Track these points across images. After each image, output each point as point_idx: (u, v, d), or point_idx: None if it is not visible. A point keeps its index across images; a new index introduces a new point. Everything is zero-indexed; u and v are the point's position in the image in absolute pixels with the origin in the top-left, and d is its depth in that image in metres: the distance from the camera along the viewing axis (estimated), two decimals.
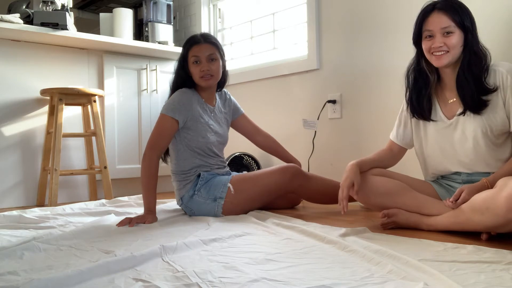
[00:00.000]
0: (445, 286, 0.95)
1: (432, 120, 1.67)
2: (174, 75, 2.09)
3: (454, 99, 1.63)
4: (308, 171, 2.58)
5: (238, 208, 1.99)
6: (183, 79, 2.05)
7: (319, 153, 2.60)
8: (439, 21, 1.56)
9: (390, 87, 2.29)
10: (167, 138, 1.98)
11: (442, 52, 1.56)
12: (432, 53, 1.59)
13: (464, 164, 1.63)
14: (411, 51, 2.22)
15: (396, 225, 1.64)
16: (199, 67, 1.99)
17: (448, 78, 1.64)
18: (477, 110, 1.55)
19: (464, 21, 1.55)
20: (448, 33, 1.55)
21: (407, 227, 1.63)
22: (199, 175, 2.02)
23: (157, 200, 1.98)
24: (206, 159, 2.05)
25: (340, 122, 2.53)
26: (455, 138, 1.62)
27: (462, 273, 1.06)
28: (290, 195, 2.18)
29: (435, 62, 1.60)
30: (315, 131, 2.58)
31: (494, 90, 1.54)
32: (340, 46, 2.52)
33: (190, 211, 2.03)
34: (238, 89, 3.12)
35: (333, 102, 2.54)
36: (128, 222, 1.77)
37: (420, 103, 1.67)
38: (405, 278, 1.02)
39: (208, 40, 2.03)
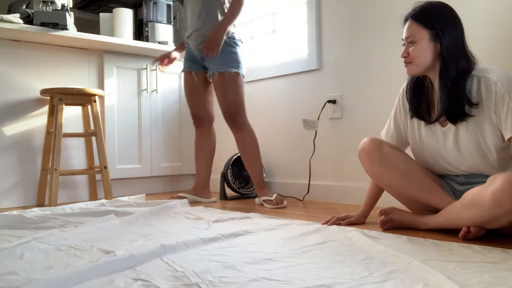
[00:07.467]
0: (445, 287, 0.94)
1: (428, 124, 1.61)
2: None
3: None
4: (310, 171, 2.59)
5: None
6: None
7: (319, 154, 2.60)
8: (406, 30, 1.54)
9: (390, 87, 2.29)
10: None
11: (407, 63, 1.55)
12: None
13: (460, 170, 1.59)
14: None
15: (392, 224, 1.64)
16: None
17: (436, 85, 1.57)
18: (456, 120, 1.49)
19: (435, 26, 1.49)
20: (411, 42, 1.53)
21: (402, 225, 1.64)
22: None
23: (158, 200, 1.98)
24: None
25: (340, 122, 2.53)
26: (447, 147, 1.56)
27: (465, 273, 1.06)
28: None
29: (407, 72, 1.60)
30: (316, 131, 2.58)
31: (477, 101, 1.45)
32: (340, 46, 2.52)
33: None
34: None
35: (333, 102, 2.54)
36: None
37: (419, 105, 1.62)
38: (405, 278, 1.02)
39: None
